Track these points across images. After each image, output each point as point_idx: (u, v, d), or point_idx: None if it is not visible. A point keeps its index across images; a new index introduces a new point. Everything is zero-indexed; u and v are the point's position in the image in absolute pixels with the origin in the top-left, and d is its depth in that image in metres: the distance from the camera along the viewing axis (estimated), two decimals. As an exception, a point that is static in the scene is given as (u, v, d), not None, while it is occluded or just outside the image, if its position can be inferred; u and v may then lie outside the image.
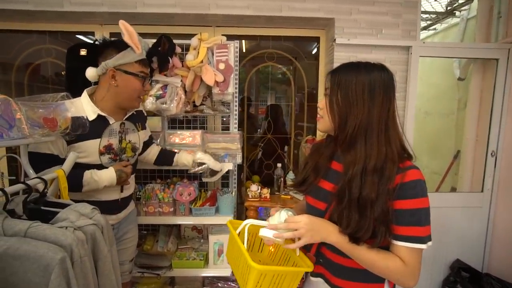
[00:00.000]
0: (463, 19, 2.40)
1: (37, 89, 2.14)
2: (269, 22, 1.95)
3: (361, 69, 0.76)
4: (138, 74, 1.14)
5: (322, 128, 0.84)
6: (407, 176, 0.71)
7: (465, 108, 2.38)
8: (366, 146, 0.74)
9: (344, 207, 0.73)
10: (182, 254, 1.79)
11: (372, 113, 0.74)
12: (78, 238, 0.77)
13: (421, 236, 0.70)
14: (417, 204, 0.70)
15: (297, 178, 0.97)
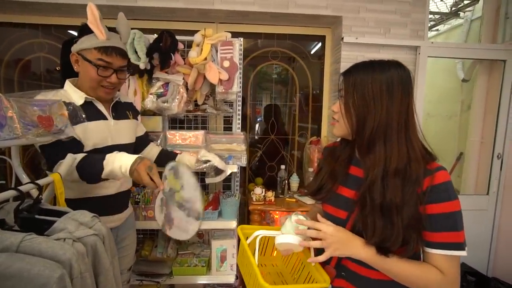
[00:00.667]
0: (467, 20, 2.39)
1: (28, 86, 2.02)
2: (275, 19, 1.89)
3: (375, 67, 0.71)
4: (92, 61, 1.03)
5: (338, 133, 0.79)
6: (437, 178, 0.66)
7: (468, 110, 2.36)
8: (385, 147, 0.69)
9: (367, 214, 0.68)
10: (183, 260, 1.71)
11: (391, 112, 0.69)
12: (78, 251, 0.68)
13: (459, 242, 0.65)
14: (451, 207, 0.65)
15: (310, 186, 0.89)
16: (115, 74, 1.07)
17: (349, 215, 0.75)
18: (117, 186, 1.19)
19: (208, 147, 1.68)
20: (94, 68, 1.04)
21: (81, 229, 0.76)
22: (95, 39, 1.05)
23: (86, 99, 1.07)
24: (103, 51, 1.04)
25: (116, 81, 1.08)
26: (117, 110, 1.19)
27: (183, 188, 0.98)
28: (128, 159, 0.96)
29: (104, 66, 1.05)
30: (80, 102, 1.07)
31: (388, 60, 0.73)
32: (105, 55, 1.04)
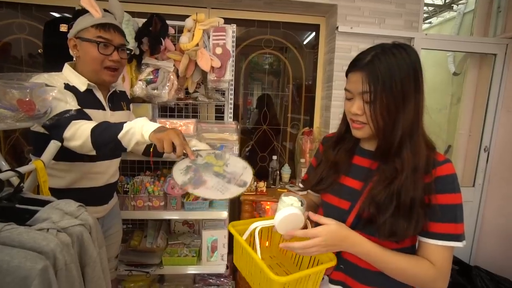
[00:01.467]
0: (459, 13, 2.39)
1: (8, 71, 1.91)
2: (268, 5, 1.84)
3: (395, 52, 0.64)
4: (91, 39, 0.98)
5: (365, 135, 0.71)
6: (445, 169, 0.65)
7: (458, 103, 2.40)
8: (411, 145, 0.65)
9: (390, 215, 0.64)
10: (173, 250, 1.69)
11: (419, 105, 0.65)
12: (63, 242, 0.65)
13: (458, 233, 0.64)
14: (455, 199, 0.64)
15: (310, 180, 0.86)
16: (116, 52, 1.02)
17: (353, 205, 0.73)
18: (106, 178, 1.15)
19: (200, 136, 1.64)
20: (95, 46, 0.99)
21: (66, 219, 0.73)
22: (91, 17, 1.00)
23: (89, 86, 1.03)
24: (101, 28, 1.00)
25: (118, 58, 1.03)
26: (114, 101, 1.15)
27: (226, 165, 0.92)
28: (153, 124, 0.85)
29: (105, 44, 1.00)
30: (83, 88, 1.02)
31: (399, 43, 0.66)
32: (104, 31, 1.00)
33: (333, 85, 1.84)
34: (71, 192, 1.03)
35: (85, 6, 1.01)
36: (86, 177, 1.08)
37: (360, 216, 0.70)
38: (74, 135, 0.87)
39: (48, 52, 1.35)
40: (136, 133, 0.84)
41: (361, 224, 0.71)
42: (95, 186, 1.12)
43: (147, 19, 1.49)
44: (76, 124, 0.88)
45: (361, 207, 0.70)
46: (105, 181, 1.15)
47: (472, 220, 2.08)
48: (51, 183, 0.94)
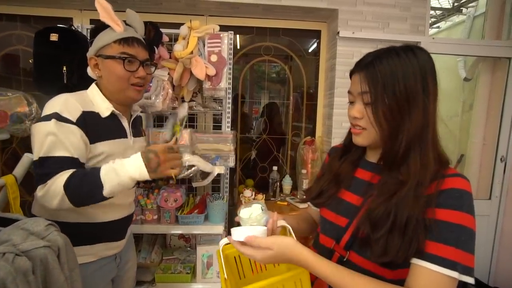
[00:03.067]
0: (469, 17, 2.29)
1: (7, 81, 1.91)
2: (267, 11, 1.79)
3: (401, 54, 0.58)
4: (115, 56, 0.88)
5: (365, 142, 0.65)
6: (452, 182, 0.55)
7: (470, 110, 2.27)
8: (421, 157, 0.57)
9: (384, 232, 0.55)
10: (167, 266, 1.61)
11: (428, 112, 0.57)
12: (19, 268, 0.59)
13: (458, 261, 0.51)
14: (461, 220, 0.53)
15: (311, 190, 0.79)
16: (142, 67, 0.93)
17: (350, 222, 0.65)
18: (124, 210, 1.02)
19: (194, 146, 1.58)
20: (120, 63, 0.89)
21: (30, 241, 0.66)
22: (113, 32, 0.91)
23: (113, 112, 0.92)
24: (124, 42, 0.90)
25: (144, 74, 0.93)
26: (135, 127, 1.05)
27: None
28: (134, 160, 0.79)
29: (129, 60, 0.90)
30: (106, 114, 0.91)
31: (407, 44, 0.61)
32: (127, 47, 0.90)
33: (335, 92, 1.75)
34: (83, 226, 0.90)
35: (105, 20, 0.91)
36: (101, 210, 0.93)
37: (355, 235, 0.62)
38: (46, 195, 0.76)
39: (38, 62, 1.32)
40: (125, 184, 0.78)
41: (357, 244, 0.62)
42: (112, 219, 0.97)
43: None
44: (47, 184, 0.76)
45: (357, 225, 0.62)
46: (122, 214, 1.01)
47: (490, 236, 1.92)
48: (62, 216, 0.86)
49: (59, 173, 0.76)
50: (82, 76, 1.40)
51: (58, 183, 0.75)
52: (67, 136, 0.78)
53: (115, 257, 1.02)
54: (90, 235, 0.92)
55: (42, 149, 0.77)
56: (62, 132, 0.78)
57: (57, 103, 0.81)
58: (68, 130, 0.79)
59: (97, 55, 0.91)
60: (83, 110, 0.84)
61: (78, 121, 0.81)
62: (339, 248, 0.66)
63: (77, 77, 1.36)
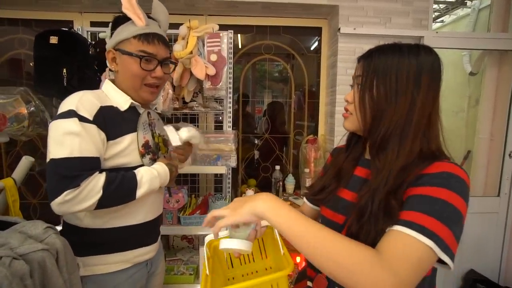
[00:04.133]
0: (474, 10, 2.23)
1: (11, 84, 1.93)
2: (266, 9, 1.77)
3: (404, 51, 0.59)
4: (132, 53, 0.83)
5: (350, 126, 0.68)
6: (436, 167, 0.53)
7: (476, 105, 2.22)
8: (399, 146, 0.57)
9: (365, 221, 0.56)
10: (170, 267, 1.60)
11: (415, 106, 0.57)
12: (15, 272, 0.58)
13: (438, 234, 0.46)
14: (446, 196, 0.48)
15: (313, 186, 0.79)
16: (160, 67, 0.87)
17: (346, 220, 0.65)
18: (155, 210, 0.97)
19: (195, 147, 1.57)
20: (136, 61, 0.84)
21: (27, 244, 0.66)
22: (133, 26, 0.85)
23: (132, 104, 0.88)
24: (144, 39, 0.84)
25: (161, 75, 0.88)
26: (153, 114, 1.02)
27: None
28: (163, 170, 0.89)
29: (147, 58, 0.85)
30: (125, 106, 0.87)
31: (418, 44, 0.61)
32: (147, 44, 0.85)
33: (337, 89, 1.73)
34: (108, 232, 0.85)
35: (127, 12, 0.85)
36: (133, 210, 0.88)
37: (351, 231, 0.61)
38: (75, 199, 0.71)
39: (39, 65, 1.33)
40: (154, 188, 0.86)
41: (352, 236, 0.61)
42: (143, 221, 0.91)
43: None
44: (79, 187, 0.71)
45: (350, 222, 0.61)
46: (154, 214, 0.95)
47: (500, 234, 1.88)
48: (86, 222, 0.83)
49: (91, 177, 0.73)
50: (82, 78, 1.41)
51: (96, 185, 0.73)
52: (89, 135, 0.75)
53: (147, 263, 0.96)
54: (120, 241, 0.87)
55: (63, 149, 0.72)
56: (84, 131, 0.74)
57: (73, 100, 0.77)
58: (88, 129, 0.75)
59: (115, 49, 0.86)
60: (101, 105, 0.80)
61: (96, 118, 0.78)
62: None
63: (77, 79, 1.37)
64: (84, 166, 0.73)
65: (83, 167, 0.73)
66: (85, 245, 0.83)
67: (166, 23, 0.95)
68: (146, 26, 0.85)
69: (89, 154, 0.75)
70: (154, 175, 0.85)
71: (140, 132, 0.89)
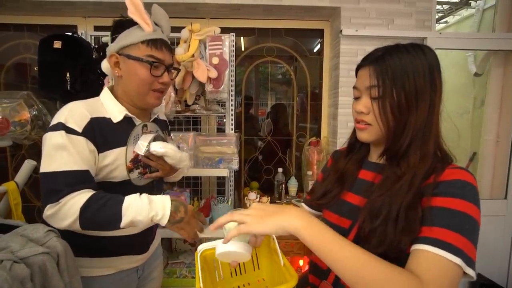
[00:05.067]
0: (478, 10, 2.21)
1: (17, 88, 1.96)
2: (268, 12, 1.77)
3: (411, 51, 0.58)
4: (142, 59, 0.80)
5: (369, 138, 0.64)
6: (451, 174, 0.53)
7: (482, 106, 2.19)
8: (421, 151, 0.57)
9: (380, 223, 0.55)
10: (172, 270, 1.60)
11: (434, 107, 0.57)
12: (16, 275, 0.58)
13: (462, 249, 0.47)
14: (465, 208, 0.50)
15: (315, 191, 0.78)
16: (167, 73, 0.86)
17: (353, 224, 0.63)
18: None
19: (197, 149, 1.57)
20: (146, 67, 0.81)
21: (28, 247, 0.66)
22: (140, 31, 0.82)
23: (126, 115, 0.84)
24: (152, 45, 0.82)
25: (168, 80, 0.86)
26: (150, 126, 0.96)
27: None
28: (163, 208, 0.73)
29: (156, 64, 0.82)
30: (119, 118, 0.83)
31: (415, 43, 0.61)
32: (156, 50, 0.82)
33: (339, 91, 1.72)
34: (103, 240, 0.84)
35: (133, 17, 0.82)
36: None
37: (359, 235, 0.60)
38: (55, 215, 0.69)
39: (43, 69, 1.34)
40: (144, 224, 0.73)
41: (361, 244, 0.59)
42: (133, 233, 0.88)
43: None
44: (59, 203, 0.69)
45: (360, 224, 0.60)
46: (144, 226, 0.91)
47: (507, 237, 1.84)
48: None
49: (74, 193, 0.70)
50: (85, 82, 1.42)
51: (75, 204, 0.69)
52: (76, 148, 0.73)
53: (137, 269, 0.94)
54: (111, 248, 0.86)
55: (51, 163, 0.71)
56: (70, 144, 0.73)
57: (63, 112, 0.76)
58: (76, 142, 0.74)
59: (119, 53, 0.83)
60: (91, 117, 0.78)
61: (85, 130, 0.76)
62: None
63: (80, 83, 1.38)
64: (68, 180, 0.71)
65: (67, 181, 0.71)
66: (71, 246, 0.79)
67: (168, 28, 0.93)
68: (153, 32, 0.83)
69: (75, 167, 0.72)
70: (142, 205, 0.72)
71: (130, 146, 0.85)
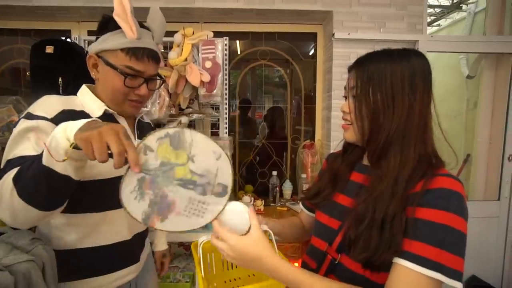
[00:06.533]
0: (470, 13, 2.24)
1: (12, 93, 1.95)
2: (261, 16, 1.78)
3: (394, 56, 0.59)
4: (117, 68, 0.73)
5: (351, 137, 0.66)
6: (438, 182, 0.53)
7: (474, 108, 2.21)
8: (401, 154, 0.57)
9: (365, 228, 0.55)
10: (166, 274, 1.59)
11: (413, 111, 0.57)
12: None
13: (443, 263, 0.48)
14: (447, 220, 0.50)
15: (309, 191, 0.80)
16: (145, 85, 0.77)
17: (342, 225, 0.65)
18: (133, 227, 0.84)
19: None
20: (120, 77, 0.74)
21: (13, 255, 0.66)
22: (122, 37, 0.74)
23: (106, 111, 0.78)
24: (133, 54, 0.74)
25: (146, 92, 0.78)
26: (143, 129, 0.89)
27: (193, 160, 0.59)
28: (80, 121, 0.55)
29: (133, 75, 0.76)
30: (98, 113, 0.76)
31: (407, 48, 0.62)
32: (135, 61, 0.75)
33: (333, 94, 1.73)
34: (85, 252, 0.76)
35: (118, 20, 0.73)
36: (104, 229, 0.77)
37: (347, 237, 0.61)
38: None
39: (35, 74, 1.34)
40: (58, 139, 0.53)
41: (348, 246, 0.60)
42: (120, 240, 0.81)
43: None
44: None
45: (348, 226, 0.61)
46: (132, 232, 0.83)
47: (501, 239, 1.85)
48: (56, 243, 0.75)
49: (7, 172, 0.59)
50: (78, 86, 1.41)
51: (8, 177, 0.58)
52: (40, 133, 0.66)
53: (130, 284, 0.86)
54: (96, 263, 0.78)
55: (6, 153, 0.65)
56: (31, 130, 0.66)
57: (33, 104, 0.71)
58: (42, 127, 0.66)
59: (98, 55, 0.76)
60: (64, 109, 0.71)
61: (55, 118, 0.68)
62: (331, 251, 0.65)
63: (73, 87, 1.37)
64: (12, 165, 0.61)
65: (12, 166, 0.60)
66: (62, 270, 0.75)
67: (161, 34, 0.85)
68: (137, 40, 0.74)
69: (24, 153, 0.63)
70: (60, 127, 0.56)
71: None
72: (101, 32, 0.76)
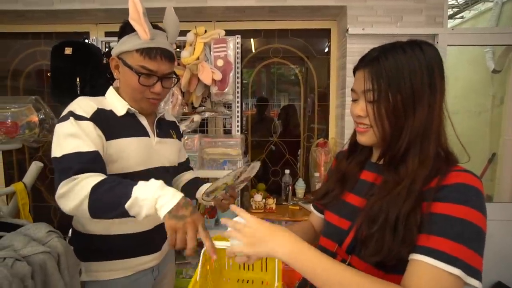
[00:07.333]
0: (497, 3, 2.11)
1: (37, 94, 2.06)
2: (273, 13, 1.77)
3: (407, 51, 0.55)
4: (133, 67, 0.81)
5: (369, 141, 0.62)
6: (455, 177, 0.51)
7: (501, 104, 2.08)
8: (420, 154, 0.54)
9: (378, 228, 0.53)
10: (179, 270, 1.62)
11: (433, 110, 0.54)
12: (16, 273, 0.61)
13: (461, 258, 0.45)
14: (465, 215, 0.47)
15: (318, 191, 0.78)
16: (159, 83, 0.84)
17: (352, 225, 0.63)
18: (155, 219, 0.87)
19: (203, 151, 1.59)
20: (135, 76, 0.82)
21: (30, 246, 0.69)
22: (137, 39, 0.81)
23: (129, 110, 0.86)
24: (146, 54, 0.81)
25: (160, 90, 0.85)
26: (161, 127, 0.97)
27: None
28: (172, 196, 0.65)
29: (147, 74, 0.83)
30: (122, 112, 0.86)
31: (416, 40, 0.58)
32: (149, 60, 0.81)
33: (346, 92, 1.69)
34: (113, 239, 0.84)
35: (133, 23, 0.81)
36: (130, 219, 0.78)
37: (357, 237, 0.59)
38: (69, 193, 0.67)
39: (54, 75, 1.40)
40: (147, 206, 0.64)
41: (359, 247, 0.59)
42: (144, 230, 0.88)
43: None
44: (74, 180, 0.68)
45: (358, 226, 0.59)
46: (155, 222, 0.90)
47: (529, 243, 1.73)
48: (89, 228, 0.83)
49: (88, 173, 0.69)
50: (94, 86, 1.47)
51: (88, 184, 0.67)
52: (85, 132, 0.75)
53: (152, 270, 0.94)
54: (122, 248, 0.86)
55: (62, 148, 0.73)
56: (80, 129, 0.75)
57: (72, 104, 0.80)
58: (84, 126, 0.76)
59: (118, 57, 0.85)
60: (98, 107, 0.81)
61: (93, 118, 0.78)
62: (341, 251, 0.63)
63: (90, 87, 1.43)
64: (80, 159, 0.71)
65: (80, 160, 0.71)
66: (88, 250, 0.84)
67: (175, 34, 0.91)
68: (150, 40, 0.81)
69: (86, 149, 0.73)
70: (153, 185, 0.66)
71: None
72: (121, 36, 0.84)
